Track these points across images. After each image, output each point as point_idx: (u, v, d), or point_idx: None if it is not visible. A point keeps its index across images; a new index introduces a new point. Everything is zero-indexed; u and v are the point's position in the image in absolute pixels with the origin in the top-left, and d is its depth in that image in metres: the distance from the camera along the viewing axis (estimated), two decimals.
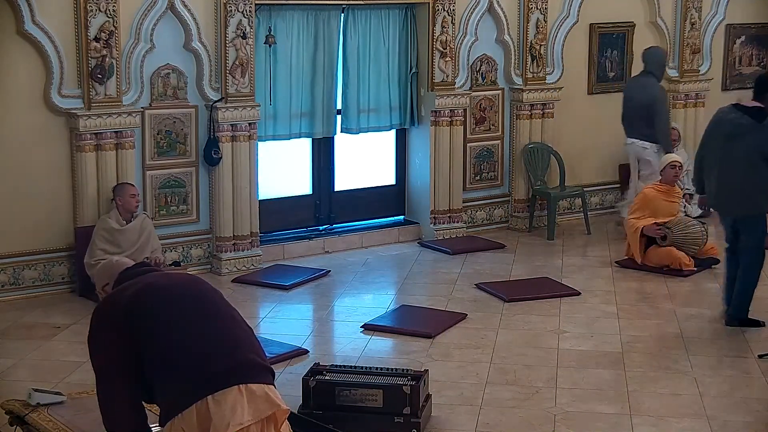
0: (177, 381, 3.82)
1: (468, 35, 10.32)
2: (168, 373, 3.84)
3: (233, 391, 3.79)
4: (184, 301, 3.99)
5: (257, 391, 3.84)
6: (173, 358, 3.84)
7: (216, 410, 3.75)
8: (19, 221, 8.41)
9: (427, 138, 10.21)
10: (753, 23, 12.30)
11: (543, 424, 6.07)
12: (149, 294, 3.99)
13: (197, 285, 4.13)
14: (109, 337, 3.95)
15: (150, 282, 4.07)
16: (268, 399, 3.86)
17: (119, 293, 4.06)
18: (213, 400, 3.76)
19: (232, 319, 4.03)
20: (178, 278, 4.23)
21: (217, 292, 4.17)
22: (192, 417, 3.75)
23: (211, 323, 3.95)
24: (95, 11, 8.36)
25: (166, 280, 4.14)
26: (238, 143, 9.13)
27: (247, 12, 9.00)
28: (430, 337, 7.53)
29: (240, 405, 3.77)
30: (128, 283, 4.09)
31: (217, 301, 4.09)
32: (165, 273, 4.31)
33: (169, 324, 3.90)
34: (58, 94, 8.37)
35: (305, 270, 9.20)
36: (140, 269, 4.24)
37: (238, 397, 3.78)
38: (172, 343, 3.86)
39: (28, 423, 4.94)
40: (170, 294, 4.00)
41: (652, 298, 8.57)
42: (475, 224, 10.70)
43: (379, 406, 5.81)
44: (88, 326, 4.11)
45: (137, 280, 4.09)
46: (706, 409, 6.28)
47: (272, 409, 3.86)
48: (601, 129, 11.26)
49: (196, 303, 4.00)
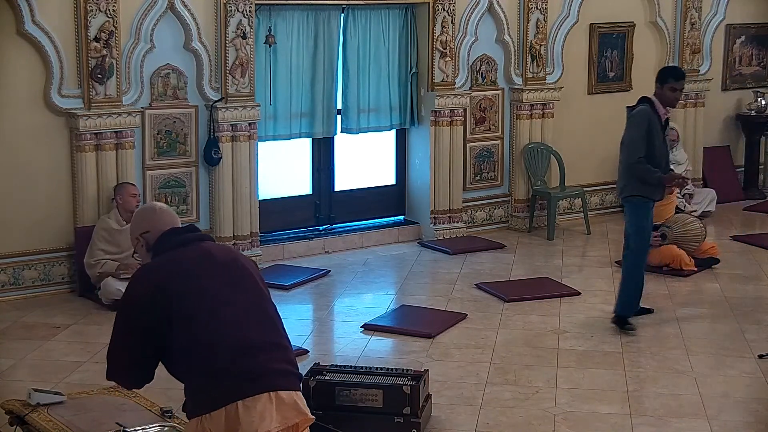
0: (208, 379, 3.75)
1: (468, 35, 10.32)
2: (199, 368, 3.76)
3: (263, 398, 3.75)
4: (227, 293, 3.85)
5: (286, 399, 3.81)
6: (207, 355, 3.75)
7: (245, 416, 3.71)
8: (19, 221, 8.41)
9: (427, 138, 10.21)
10: (753, 23, 12.31)
11: (543, 424, 6.07)
12: (194, 282, 3.82)
13: (242, 275, 3.94)
14: (142, 302, 3.81)
15: (196, 265, 3.87)
16: (296, 407, 3.83)
17: (165, 264, 3.87)
18: (243, 405, 3.72)
19: (270, 320, 3.93)
20: (224, 262, 3.95)
21: (259, 281, 3.99)
22: (220, 419, 3.71)
23: (250, 324, 3.85)
24: (95, 11, 8.36)
25: (212, 265, 3.90)
26: (238, 143, 9.13)
27: (247, 12, 9.01)
28: (430, 337, 7.53)
29: (269, 412, 3.75)
30: (174, 254, 3.89)
31: (257, 299, 3.94)
32: (210, 253, 3.96)
33: (208, 318, 3.77)
34: (58, 94, 8.37)
35: (305, 270, 9.20)
36: (188, 236, 3.98)
37: (267, 404, 3.75)
38: (207, 339, 3.76)
39: (28, 423, 4.94)
40: (214, 284, 3.84)
41: (652, 298, 8.56)
42: (475, 224, 10.70)
43: (379, 406, 5.81)
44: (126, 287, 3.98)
45: (184, 254, 3.89)
46: (706, 409, 6.28)
47: (299, 417, 3.83)
48: (601, 129, 11.26)
49: (237, 297, 3.87)
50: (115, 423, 4.83)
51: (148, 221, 4.03)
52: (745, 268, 9.37)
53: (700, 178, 11.80)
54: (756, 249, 9.92)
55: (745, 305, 8.33)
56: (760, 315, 7.99)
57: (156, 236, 3.98)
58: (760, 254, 9.80)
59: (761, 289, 8.74)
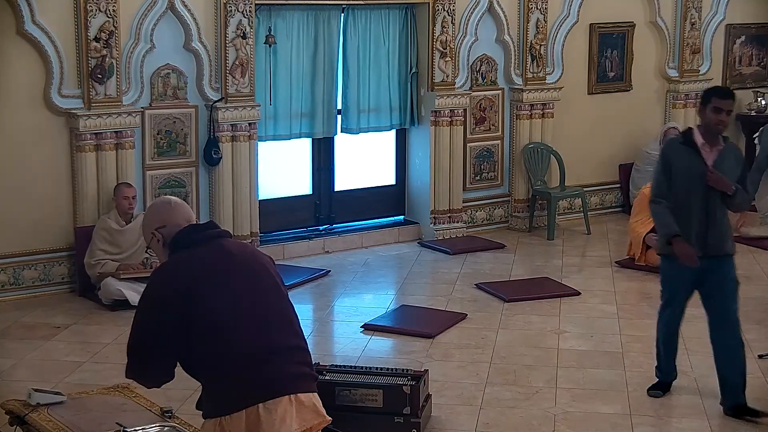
0: (229, 381, 3.73)
1: (468, 35, 10.32)
2: (221, 370, 3.74)
3: (284, 401, 3.74)
4: (249, 294, 3.82)
5: (306, 402, 3.81)
6: (229, 357, 3.73)
7: (266, 418, 3.70)
8: (19, 221, 8.41)
9: (427, 138, 10.21)
10: (753, 23, 12.31)
11: (543, 424, 6.07)
12: (217, 282, 3.77)
13: (262, 274, 3.91)
14: (165, 301, 3.72)
15: (219, 264, 3.81)
16: (314, 409, 3.83)
17: (188, 262, 3.79)
18: (264, 407, 3.71)
19: (289, 322, 3.92)
20: (245, 261, 3.90)
21: (277, 279, 3.95)
22: (241, 421, 3.70)
23: (271, 326, 3.83)
24: (95, 11, 8.36)
25: (234, 264, 3.85)
26: (238, 143, 9.13)
27: (247, 12, 9.01)
28: (430, 337, 7.53)
29: (289, 415, 3.74)
30: (196, 251, 3.81)
31: (277, 299, 3.92)
32: (231, 252, 3.89)
33: (231, 320, 3.74)
34: (58, 94, 8.37)
35: (305, 270, 9.20)
36: (209, 232, 3.91)
37: (288, 407, 3.74)
38: (230, 342, 3.73)
39: (28, 423, 4.93)
40: (237, 284, 3.80)
41: (652, 298, 8.55)
42: (475, 224, 10.70)
43: (379, 406, 5.81)
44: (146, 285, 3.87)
45: (206, 253, 3.82)
46: (706, 409, 6.28)
47: (317, 419, 3.83)
48: (601, 129, 11.27)
49: (259, 297, 3.84)
50: (115, 423, 4.82)
51: (164, 216, 3.94)
52: (745, 268, 9.34)
53: None
54: (756, 249, 9.92)
55: (745, 305, 8.24)
56: (760, 315, 7.99)
57: (172, 231, 3.89)
58: (760, 254, 9.80)
59: (761, 289, 8.74)
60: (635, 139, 11.39)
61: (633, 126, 11.46)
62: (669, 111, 11.71)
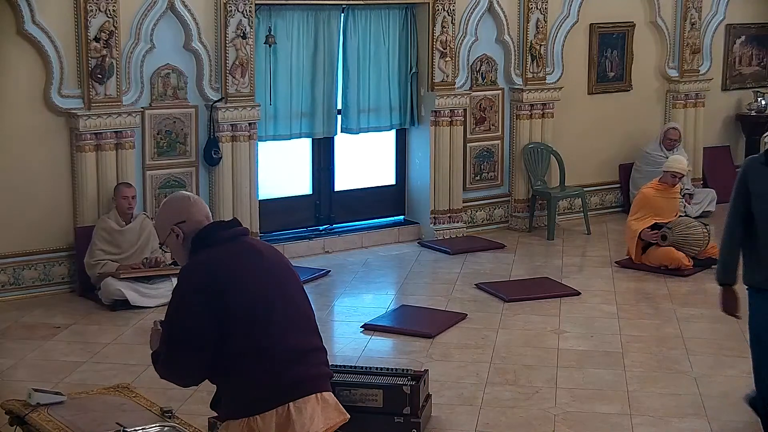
0: (259, 382, 3.72)
1: (468, 35, 10.32)
2: (251, 370, 3.72)
3: (312, 400, 3.78)
4: (277, 295, 3.80)
5: (329, 400, 3.85)
6: (260, 358, 3.71)
7: (297, 417, 3.72)
8: (19, 221, 8.41)
9: (427, 138, 10.21)
10: (753, 23, 12.31)
11: (543, 424, 6.07)
12: (248, 282, 3.73)
13: (287, 275, 3.89)
14: (199, 300, 3.66)
15: (249, 264, 3.77)
16: (337, 407, 3.87)
17: (219, 261, 3.73)
18: (294, 407, 3.73)
19: (313, 323, 3.94)
20: (272, 261, 3.86)
21: (299, 282, 3.95)
22: (272, 421, 3.70)
23: (297, 327, 3.84)
24: (95, 11, 8.36)
25: (263, 264, 3.81)
26: (238, 143, 9.13)
27: (247, 12, 9.00)
28: (430, 337, 7.53)
29: (317, 413, 3.77)
30: (224, 249, 3.76)
31: (301, 300, 3.91)
32: (258, 250, 3.84)
33: (262, 321, 3.73)
34: (58, 94, 8.37)
35: (305, 270, 9.19)
36: (236, 230, 3.87)
37: (315, 406, 3.78)
38: (261, 343, 3.72)
39: (28, 423, 4.94)
40: (267, 285, 3.78)
41: (652, 298, 8.57)
42: (475, 224, 10.70)
43: (379, 406, 5.80)
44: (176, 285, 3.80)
45: (235, 251, 3.77)
46: (706, 409, 6.28)
47: (340, 417, 3.86)
48: (601, 129, 11.27)
49: (286, 298, 3.82)
50: (115, 423, 4.82)
51: (184, 211, 3.86)
52: None
53: (701, 178, 11.80)
54: None
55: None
56: None
57: (193, 227, 3.83)
58: None
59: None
60: (635, 139, 11.40)
61: (633, 126, 11.46)
62: (669, 111, 11.71)
